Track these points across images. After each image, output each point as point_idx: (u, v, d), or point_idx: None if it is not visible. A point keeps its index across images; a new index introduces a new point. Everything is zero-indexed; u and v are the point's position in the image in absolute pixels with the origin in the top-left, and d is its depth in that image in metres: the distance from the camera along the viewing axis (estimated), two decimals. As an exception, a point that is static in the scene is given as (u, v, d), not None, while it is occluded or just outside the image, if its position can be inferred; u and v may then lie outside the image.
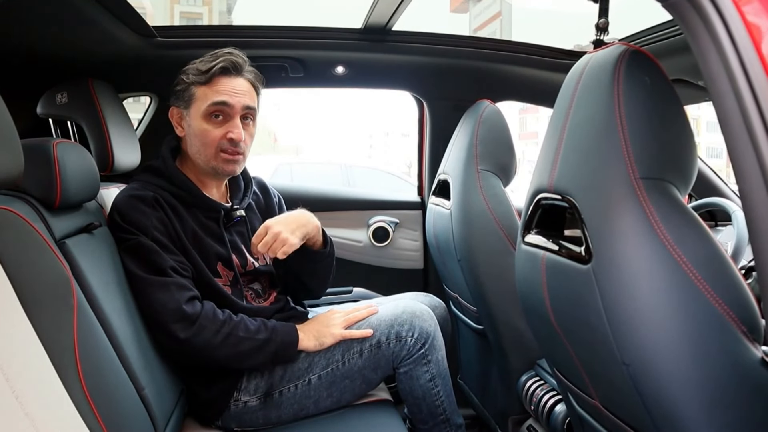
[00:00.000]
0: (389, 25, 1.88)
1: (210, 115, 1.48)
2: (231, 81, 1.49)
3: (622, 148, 0.84)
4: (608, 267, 0.84)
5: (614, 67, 0.88)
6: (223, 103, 1.47)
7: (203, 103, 1.47)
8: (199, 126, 1.48)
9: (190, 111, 1.50)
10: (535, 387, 1.59)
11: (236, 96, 1.48)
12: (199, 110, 1.48)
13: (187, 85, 1.49)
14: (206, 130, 1.48)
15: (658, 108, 0.87)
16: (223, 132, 1.48)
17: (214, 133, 1.48)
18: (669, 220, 0.81)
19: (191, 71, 1.49)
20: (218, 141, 1.48)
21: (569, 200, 0.94)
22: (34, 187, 1.14)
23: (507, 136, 1.77)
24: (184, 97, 1.50)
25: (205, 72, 1.47)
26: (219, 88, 1.47)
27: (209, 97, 1.47)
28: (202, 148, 1.49)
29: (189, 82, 1.49)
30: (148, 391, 1.22)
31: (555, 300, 1.02)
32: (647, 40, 1.68)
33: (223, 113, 1.48)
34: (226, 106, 1.47)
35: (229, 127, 1.48)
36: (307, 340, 1.48)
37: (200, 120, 1.48)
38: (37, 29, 1.45)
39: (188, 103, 1.50)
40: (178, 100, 1.52)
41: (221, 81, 1.48)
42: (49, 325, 0.99)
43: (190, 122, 1.50)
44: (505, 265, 1.62)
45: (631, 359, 0.84)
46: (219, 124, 1.48)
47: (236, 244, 1.56)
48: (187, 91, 1.50)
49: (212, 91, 1.47)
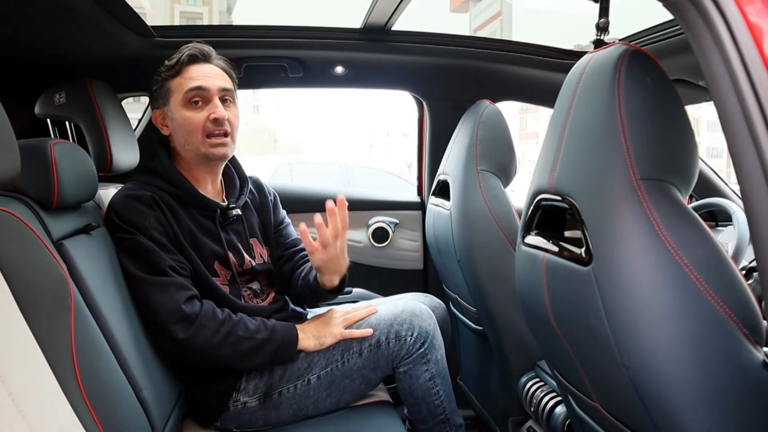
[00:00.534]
0: (389, 24, 1.88)
1: (188, 102, 1.49)
2: (201, 67, 1.51)
3: (623, 148, 0.84)
4: (609, 268, 0.84)
5: (615, 67, 0.88)
6: (198, 87, 1.48)
7: (179, 93, 1.49)
8: (180, 116, 1.49)
9: (169, 106, 1.51)
10: (535, 388, 1.59)
11: (210, 79, 1.50)
12: (177, 101, 1.49)
13: (161, 83, 1.52)
14: (188, 117, 1.49)
15: (658, 108, 0.86)
16: (206, 115, 1.49)
17: (196, 118, 1.48)
18: (670, 222, 0.80)
19: (162, 69, 1.52)
20: (202, 125, 1.48)
21: (569, 201, 0.93)
22: (32, 188, 1.13)
23: (507, 137, 1.76)
24: (161, 95, 1.52)
25: (174, 65, 1.50)
26: (191, 75, 1.50)
27: (183, 85, 1.49)
28: (189, 137, 1.49)
29: (162, 79, 1.52)
30: (146, 393, 1.22)
31: (555, 301, 1.01)
32: (647, 40, 1.68)
33: (201, 97, 1.49)
34: (202, 90, 1.49)
35: (210, 109, 1.49)
36: (307, 340, 1.48)
37: (180, 110, 1.49)
38: (35, 29, 1.44)
39: (166, 99, 1.51)
40: (157, 100, 1.54)
41: (191, 69, 1.50)
42: (46, 327, 0.99)
43: (172, 116, 1.51)
44: (505, 266, 1.62)
45: (631, 361, 0.83)
46: (199, 109, 1.49)
47: (233, 242, 1.56)
48: (162, 88, 1.52)
49: (185, 79, 1.49)
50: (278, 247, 1.71)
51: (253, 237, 1.62)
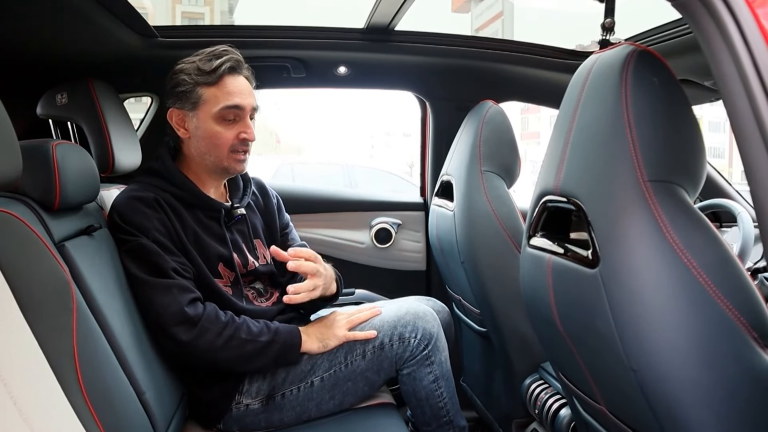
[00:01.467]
0: (392, 24, 1.87)
1: (222, 117, 1.46)
2: (236, 80, 1.48)
3: (630, 150, 0.83)
4: (616, 271, 0.83)
5: (622, 67, 0.87)
6: (236, 106, 1.46)
7: (214, 106, 1.46)
8: (210, 128, 1.47)
9: (197, 113, 1.47)
10: (539, 390, 1.58)
11: (246, 97, 1.48)
12: (209, 113, 1.46)
13: (192, 87, 1.46)
14: (219, 132, 1.47)
15: (666, 109, 0.86)
16: (236, 133, 1.48)
17: (226, 135, 1.47)
18: (678, 224, 0.79)
19: (192, 71, 1.46)
20: (231, 142, 1.47)
21: (576, 203, 0.92)
22: (33, 189, 1.12)
23: (511, 137, 1.76)
24: (189, 99, 1.47)
25: (211, 72, 1.45)
26: (229, 89, 1.46)
27: (221, 99, 1.46)
28: (213, 149, 1.48)
29: (193, 82, 1.46)
30: (148, 395, 1.21)
31: (561, 304, 1.00)
32: (652, 40, 1.67)
33: (235, 115, 1.47)
34: (239, 109, 1.47)
35: (241, 128, 1.48)
36: (311, 343, 1.47)
37: (211, 122, 1.47)
38: (37, 29, 1.44)
39: (195, 105, 1.47)
40: (181, 101, 1.49)
41: (228, 81, 1.47)
42: (47, 329, 0.98)
43: (198, 124, 1.48)
44: (509, 267, 1.61)
45: (639, 365, 0.82)
46: (230, 125, 1.47)
47: (237, 243, 1.55)
48: (192, 93, 1.47)
49: (222, 93, 1.46)
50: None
51: (256, 238, 1.62)
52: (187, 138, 1.51)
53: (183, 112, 1.49)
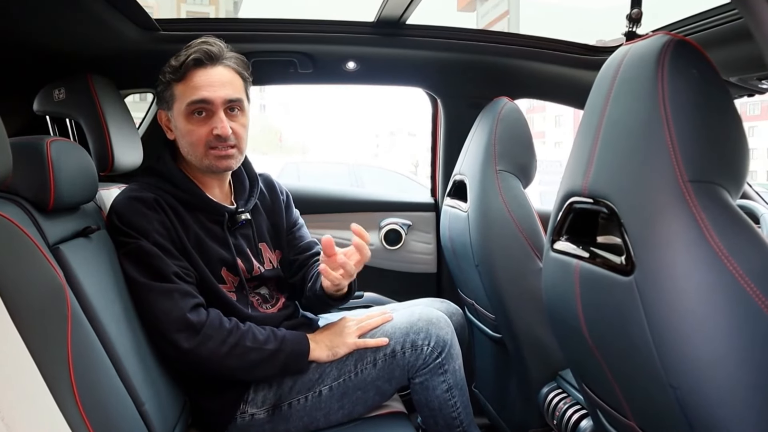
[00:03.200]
0: (403, 18, 1.80)
1: (191, 113, 1.39)
2: (207, 73, 1.38)
3: (668, 147, 0.76)
4: (653, 279, 0.76)
5: (658, 58, 0.80)
6: (202, 100, 1.37)
7: (182, 103, 1.38)
8: (183, 126, 1.40)
9: (173, 112, 1.42)
10: (557, 400, 1.51)
11: (215, 90, 1.37)
12: (180, 110, 1.39)
13: (166, 85, 1.41)
14: (190, 129, 1.39)
15: (707, 103, 0.79)
16: (208, 129, 1.39)
17: (198, 132, 1.39)
18: (721, 227, 0.73)
19: (167, 69, 1.40)
20: (205, 139, 1.39)
21: (607, 204, 0.86)
22: (26, 189, 1.07)
23: (527, 135, 1.69)
24: (165, 98, 1.42)
25: (179, 68, 1.38)
26: (195, 83, 1.37)
27: (187, 94, 1.38)
28: (191, 148, 1.41)
29: (166, 81, 1.40)
30: (148, 406, 1.15)
31: (590, 313, 0.93)
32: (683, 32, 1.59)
33: (204, 110, 1.38)
34: (206, 103, 1.37)
35: (213, 123, 1.38)
36: (319, 350, 1.41)
37: (183, 120, 1.39)
38: (33, 21, 1.38)
39: (170, 103, 1.41)
40: (161, 101, 1.44)
41: (196, 75, 1.38)
42: (40, 337, 0.93)
43: (176, 123, 1.42)
44: (526, 271, 1.55)
45: (679, 382, 0.75)
46: (202, 121, 1.39)
47: (242, 248, 1.48)
48: (166, 91, 1.41)
49: (189, 87, 1.38)
50: (291, 250, 1.63)
51: (262, 241, 1.55)
52: (174, 138, 1.45)
53: (165, 112, 1.44)
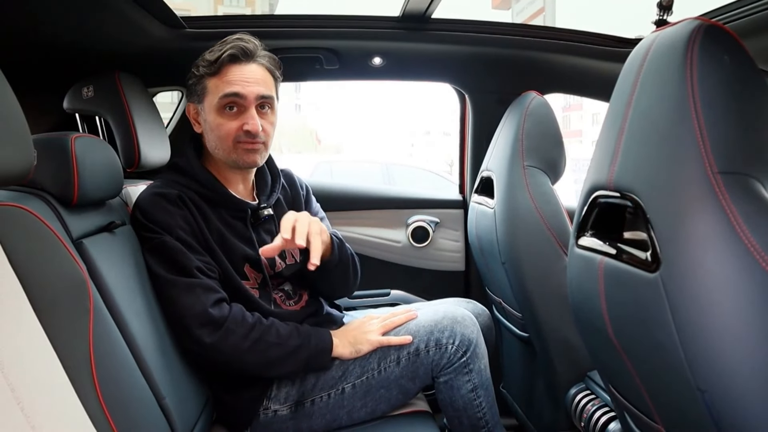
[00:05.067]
0: (428, 12, 1.78)
1: (223, 107, 1.39)
2: (242, 69, 1.40)
3: (697, 137, 0.72)
4: (681, 276, 0.73)
5: (686, 44, 0.76)
6: (235, 94, 1.38)
7: (215, 96, 1.39)
8: (213, 120, 1.41)
9: (203, 105, 1.43)
10: (585, 401, 1.47)
11: (249, 85, 1.39)
12: (212, 103, 1.40)
13: (198, 78, 1.42)
14: (220, 123, 1.40)
15: (739, 90, 0.75)
16: (239, 124, 1.39)
17: (228, 126, 1.40)
18: (754, 222, 0.69)
19: (201, 63, 1.42)
20: (234, 134, 1.40)
21: (632, 198, 0.82)
22: (51, 184, 1.08)
23: (555, 130, 1.65)
24: (196, 91, 1.43)
25: (214, 62, 1.39)
26: (230, 78, 1.39)
27: (220, 88, 1.39)
28: (219, 142, 1.42)
29: (200, 74, 1.41)
30: (169, 400, 1.15)
31: (614, 311, 0.90)
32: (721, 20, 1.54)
33: (236, 104, 1.39)
34: (239, 97, 1.38)
35: (244, 119, 1.39)
36: (342, 347, 1.40)
37: (214, 113, 1.40)
38: (62, 21, 1.40)
39: (201, 97, 1.42)
40: (192, 95, 1.45)
41: (231, 70, 1.39)
42: (62, 330, 0.93)
43: (206, 117, 1.43)
44: (554, 269, 1.51)
45: (708, 385, 0.72)
46: (233, 116, 1.40)
47: (265, 244, 1.47)
48: (198, 85, 1.42)
49: (223, 81, 1.39)
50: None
51: None
52: (201, 132, 1.46)
53: (196, 105, 1.45)
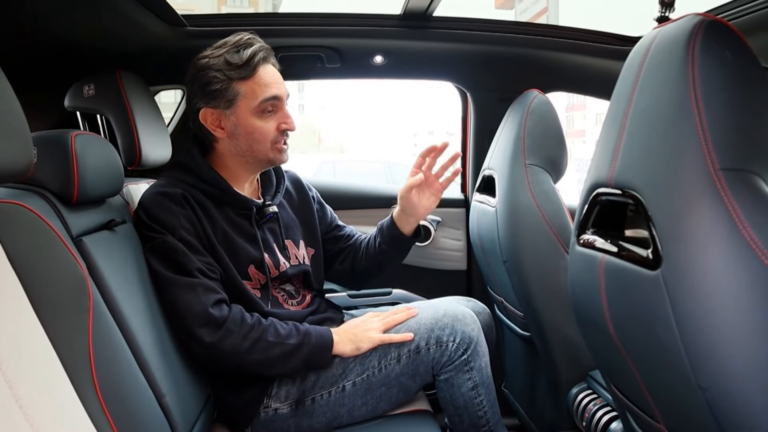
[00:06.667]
0: (429, 10, 1.77)
1: (263, 111, 1.41)
2: (268, 70, 1.42)
3: (699, 134, 0.72)
4: (681, 274, 0.72)
5: (688, 40, 0.76)
6: (275, 97, 1.41)
7: (253, 101, 1.40)
8: (250, 124, 1.41)
9: (234, 110, 1.41)
10: (587, 401, 1.46)
11: (281, 86, 1.44)
12: (248, 108, 1.40)
13: (226, 83, 1.39)
14: (260, 126, 1.41)
15: (741, 86, 0.74)
16: (276, 124, 1.43)
17: (267, 128, 1.42)
18: (756, 219, 0.68)
19: (223, 66, 1.38)
20: (273, 134, 1.43)
21: (633, 195, 0.82)
22: (51, 181, 1.08)
23: (557, 129, 1.64)
24: (224, 97, 1.39)
25: (244, 65, 1.38)
26: (265, 81, 1.40)
27: (258, 93, 1.40)
28: (255, 145, 1.43)
29: (226, 78, 1.38)
30: (169, 399, 1.15)
31: (615, 309, 0.90)
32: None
33: (273, 106, 1.42)
34: (278, 100, 1.42)
35: (280, 119, 1.43)
36: (343, 345, 1.40)
37: (251, 118, 1.41)
38: (63, 19, 1.40)
39: (231, 102, 1.40)
40: (216, 100, 1.40)
41: (262, 72, 1.41)
42: (61, 328, 0.93)
43: (237, 122, 1.41)
44: (556, 268, 1.50)
45: (709, 383, 0.71)
46: (269, 117, 1.42)
47: (269, 242, 1.48)
48: (228, 90, 1.39)
49: (259, 85, 1.40)
50: (336, 243, 1.69)
51: (288, 238, 1.54)
52: (225, 137, 1.44)
53: (218, 111, 1.41)
